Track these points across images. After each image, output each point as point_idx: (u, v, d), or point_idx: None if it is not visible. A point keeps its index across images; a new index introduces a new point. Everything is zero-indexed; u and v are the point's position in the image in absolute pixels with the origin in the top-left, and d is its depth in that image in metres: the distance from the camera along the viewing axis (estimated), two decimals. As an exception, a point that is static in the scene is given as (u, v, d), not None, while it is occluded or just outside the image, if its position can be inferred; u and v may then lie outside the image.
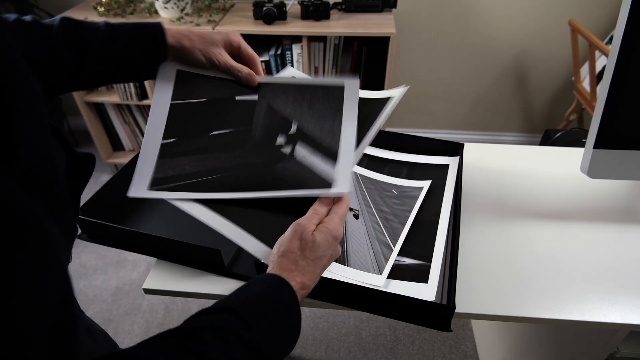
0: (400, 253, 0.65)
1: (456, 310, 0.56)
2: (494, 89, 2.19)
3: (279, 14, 1.69)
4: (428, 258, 0.64)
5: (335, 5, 1.82)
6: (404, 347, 1.44)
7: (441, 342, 1.46)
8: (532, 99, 2.21)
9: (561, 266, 0.68)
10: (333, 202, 0.54)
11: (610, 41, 1.87)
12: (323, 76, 1.86)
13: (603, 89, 0.63)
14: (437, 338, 1.47)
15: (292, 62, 1.77)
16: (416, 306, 0.57)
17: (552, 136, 1.77)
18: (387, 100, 0.67)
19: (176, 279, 0.65)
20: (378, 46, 1.74)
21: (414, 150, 0.88)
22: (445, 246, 0.66)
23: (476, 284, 0.65)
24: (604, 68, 0.78)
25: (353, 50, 1.79)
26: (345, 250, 0.65)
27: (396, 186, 0.78)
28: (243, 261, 0.67)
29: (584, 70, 1.88)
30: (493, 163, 0.91)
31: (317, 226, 0.51)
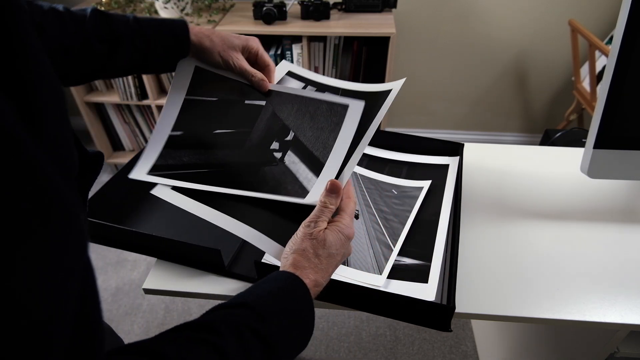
0: (400, 253, 0.65)
1: (456, 310, 0.56)
2: (494, 89, 2.19)
3: (279, 14, 1.69)
4: (428, 258, 0.64)
5: (335, 5, 1.82)
6: (404, 347, 1.44)
7: (441, 342, 1.46)
8: (532, 99, 2.21)
9: (561, 266, 0.68)
10: (341, 197, 0.55)
11: (610, 41, 1.87)
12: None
13: (603, 89, 0.63)
14: (437, 338, 1.47)
15: (292, 62, 1.77)
16: (416, 306, 0.57)
17: (552, 136, 1.77)
18: (388, 93, 0.67)
19: (176, 279, 0.65)
20: (378, 46, 1.74)
21: (414, 150, 0.88)
22: (445, 246, 0.66)
23: (476, 284, 0.65)
24: (604, 68, 0.78)
25: (353, 50, 1.79)
26: None
27: (396, 186, 0.78)
28: (243, 261, 0.67)
29: (584, 70, 1.88)
30: (493, 163, 0.91)
31: (329, 225, 0.51)
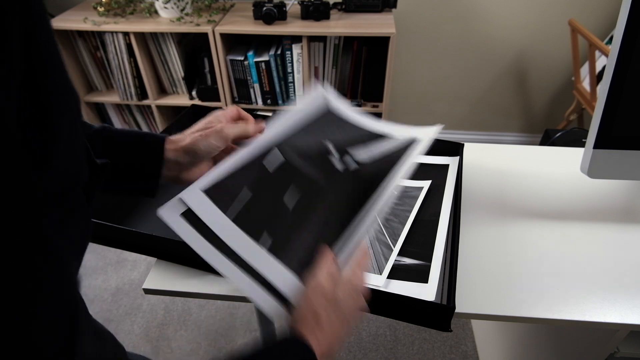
0: (400, 253, 0.65)
1: (456, 310, 0.56)
2: (494, 89, 2.19)
3: (279, 14, 1.69)
4: (428, 258, 0.64)
5: (335, 5, 1.82)
6: (404, 347, 1.44)
7: (441, 342, 1.46)
8: (532, 99, 2.21)
9: (561, 266, 0.68)
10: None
11: (610, 41, 1.87)
12: (323, 80, 1.86)
13: (603, 89, 0.63)
14: (437, 338, 1.47)
15: (292, 62, 1.77)
16: (416, 306, 0.57)
17: (552, 136, 1.77)
18: (413, 143, 0.65)
19: (176, 279, 0.65)
20: (378, 46, 1.74)
21: (414, 150, 0.88)
22: (445, 246, 0.66)
23: (476, 284, 0.65)
24: (604, 68, 0.78)
25: (353, 50, 1.79)
26: None
27: (396, 186, 0.78)
28: (243, 261, 0.67)
29: (584, 70, 1.88)
30: (493, 163, 0.91)
31: (339, 281, 0.48)
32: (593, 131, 0.66)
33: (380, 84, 1.80)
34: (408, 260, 0.64)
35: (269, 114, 1.10)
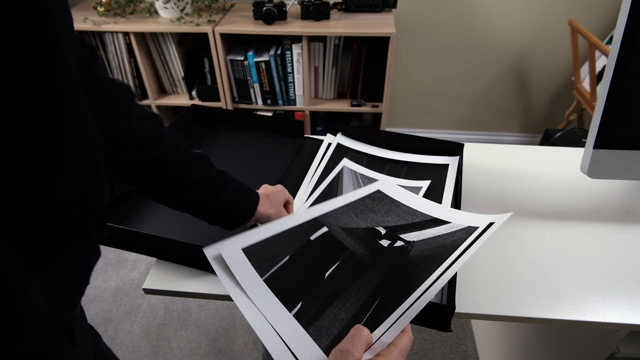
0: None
1: (456, 310, 0.56)
2: (494, 89, 2.19)
3: (279, 14, 1.69)
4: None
5: (335, 5, 1.82)
6: (404, 347, 1.44)
7: (441, 342, 1.46)
8: (532, 99, 2.21)
9: (561, 266, 0.68)
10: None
11: (610, 41, 1.87)
12: (323, 80, 1.86)
13: (603, 89, 0.63)
14: (437, 338, 1.47)
15: (292, 62, 1.77)
16: (416, 306, 0.56)
17: (552, 136, 1.77)
18: (471, 230, 0.62)
19: (176, 279, 0.65)
20: (378, 46, 1.74)
21: (414, 150, 0.88)
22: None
23: (476, 284, 0.65)
24: (604, 68, 0.78)
25: (353, 50, 1.79)
26: None
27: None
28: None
29: (584, 70, 1.89)
30: (493, 163, 0.91)
31: (374, 358, 0.45)
32: (593, 131, 0.66)
33: (380, 84, 1.80)
34: (408, 260, 0.64)
35: (269, 114, 1.09)
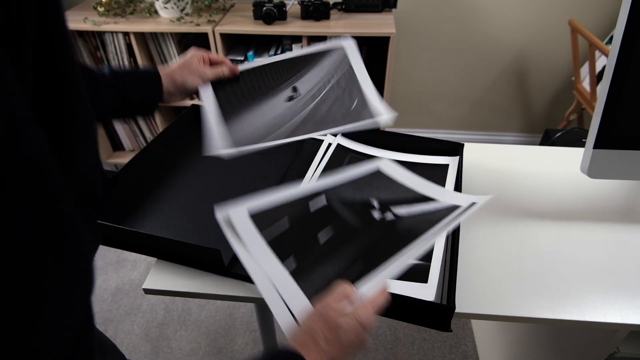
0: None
1: (456, 310, 0.56)
2: (494, 89, 2.19)
3: (279, 14, 1.69)
4: (428, 258, 0.64)
5: (335, 5, 1.82)
6: (404, 347, 1.44)
7: (441, 342, 1.46)
8: (532, 99, 2.21)
9: (561, 266, 0.68)
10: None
11: (610, 41, 1.87)
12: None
13: (603, 89, 0.63)
14: (437, 338, 1.47)
15: (292, 62, 1.78)
16: (416, 306, 0.57)
17: (552, 136, 1.77)
18: (456, 208, 0.68)
19: (176, 279, 0.65)
20: (378, 46, 1.74)
21: (414, 150, 0.88)
22: (445, 246, 0.66)
23: (476, 284, 0.65)
24: (604, 68, 0.78)
25: (353, 50, 1.79)
26: None
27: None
28: (243, 261, 0.67)
29: (584, 70, 1.88)
30: (493, 163, 0.91)
31: (345, 312, 0.49)
32: (593, 131, 0.66)
33: (380, 84, 1.79)
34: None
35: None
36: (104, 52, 1.84)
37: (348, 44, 0.86)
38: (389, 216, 0.67)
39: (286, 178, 0.83)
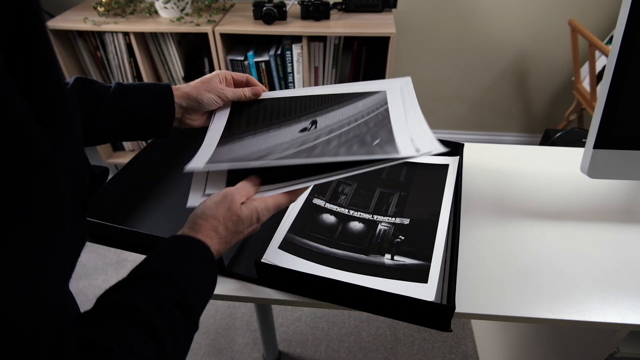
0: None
1: (456, 310, 0.56)
2: (494, 89, 2.19)
3: (279, 14, 1.69)
4: (428, 258, 0.64)
5: (335, 5, 1.81)
6: (404, 347, 1.44)
7: (441, 342, 1.46)
8: (532, 99, 2.21)
9: (561, 266, 0.68)
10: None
11: (610, 41, 1.87)
12: (323, 81, 1.86)
13: (603, 89, 0.63)
14: (437, 338, 1.47)
15: (292, 62, 1.77)
16: (416, 306, 0.57)
17: (552, 136, 1.77)
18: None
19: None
20: (378, 46, 1.74)
21: (414, 150, 0.88)
22: (445, 246, 0.66)
23: (476, 284, 0.65)
24: (604, 68, 0.78)
25: (353, 50, 1.79)
26: None
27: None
28: (243, 261, 0.67)
29: (584, 70, 1.88)
30: (493, 163, 0.91)
31: (247, 200, 0.53)
32: (593, 131, 0.66)
33: (380, 84, 1.80)
34: (408, 260, 0.64)
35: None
36: (104, 52, 1.84)
37: (395, 86, 0.77)
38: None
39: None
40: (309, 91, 0.75)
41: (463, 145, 0.85)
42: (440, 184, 0.79)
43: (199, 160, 0.61)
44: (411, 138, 0.59)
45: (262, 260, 0.64)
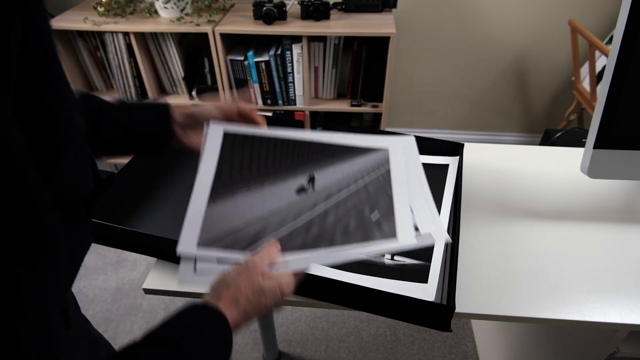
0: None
1: (456, 310, 0.56)
2: (494, 89, 2.19)
3: (279, 14, 1.69)
4: (428, 258, 0.64)
5: (335, 5, 1.81)
6: (404, 347, 1.44)
7: (441, 342, 1.46)
8: (532, 99, 2.21)
9: (561, 266, 0.68)
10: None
11: (610, 41, 1.87)
12: (323, 80, 1.86)
13: (603, 89, 0.63)
14: (437, 338, 1.47)
15: (292, 62, 1.77)
16: (416, 306, 0.57)
17: (552, 136, 1.77)
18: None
19: (176, 279, 0.65)
20: (378, 46, 1.74)
21: (414, 150, 0.88)
22: (445, 246, 0.66)
23: (476, 284, 0.65)
24: (604, 68, 0.78)
25: (353, 50, 1.79)
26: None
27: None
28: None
29: (584, 70, 1.88)
30: (493, 163, 0.91)
31: (271, 274, 0.51)
32: (593, 131, 0.66)
33: (380, 84, 1.80)
34: (408, 260, 0.64)
35: (269, 114, 1.15)
36: (104, 52, 1.84)
37: (398, 145, 0.73)
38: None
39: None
40: (306, 135, 0.72)
41: (463, 145, 0.85)
42: (440, 184, 0.79)
43: (189, 236, 0.59)
44: (413, 222, 0.62)
45: None
